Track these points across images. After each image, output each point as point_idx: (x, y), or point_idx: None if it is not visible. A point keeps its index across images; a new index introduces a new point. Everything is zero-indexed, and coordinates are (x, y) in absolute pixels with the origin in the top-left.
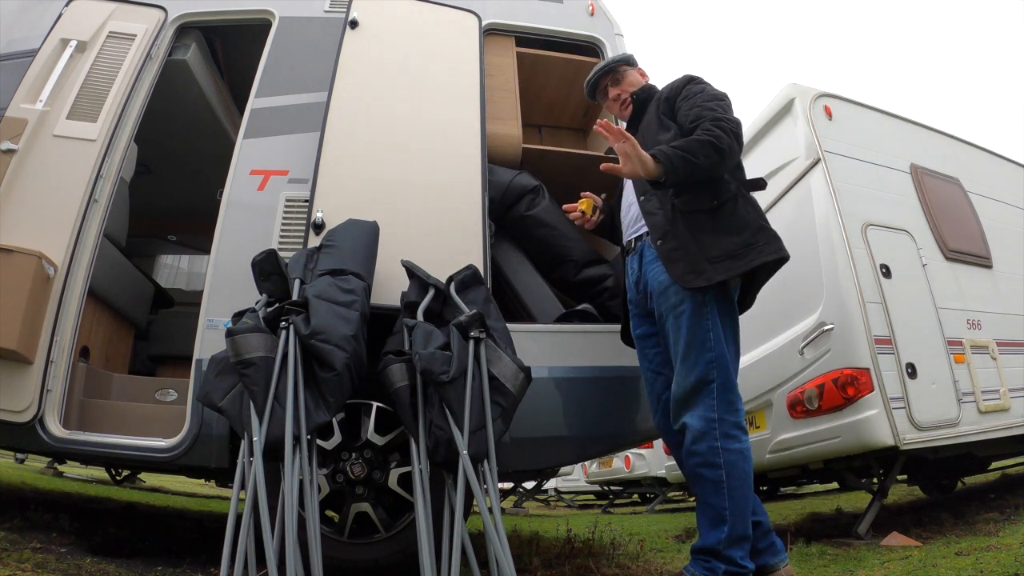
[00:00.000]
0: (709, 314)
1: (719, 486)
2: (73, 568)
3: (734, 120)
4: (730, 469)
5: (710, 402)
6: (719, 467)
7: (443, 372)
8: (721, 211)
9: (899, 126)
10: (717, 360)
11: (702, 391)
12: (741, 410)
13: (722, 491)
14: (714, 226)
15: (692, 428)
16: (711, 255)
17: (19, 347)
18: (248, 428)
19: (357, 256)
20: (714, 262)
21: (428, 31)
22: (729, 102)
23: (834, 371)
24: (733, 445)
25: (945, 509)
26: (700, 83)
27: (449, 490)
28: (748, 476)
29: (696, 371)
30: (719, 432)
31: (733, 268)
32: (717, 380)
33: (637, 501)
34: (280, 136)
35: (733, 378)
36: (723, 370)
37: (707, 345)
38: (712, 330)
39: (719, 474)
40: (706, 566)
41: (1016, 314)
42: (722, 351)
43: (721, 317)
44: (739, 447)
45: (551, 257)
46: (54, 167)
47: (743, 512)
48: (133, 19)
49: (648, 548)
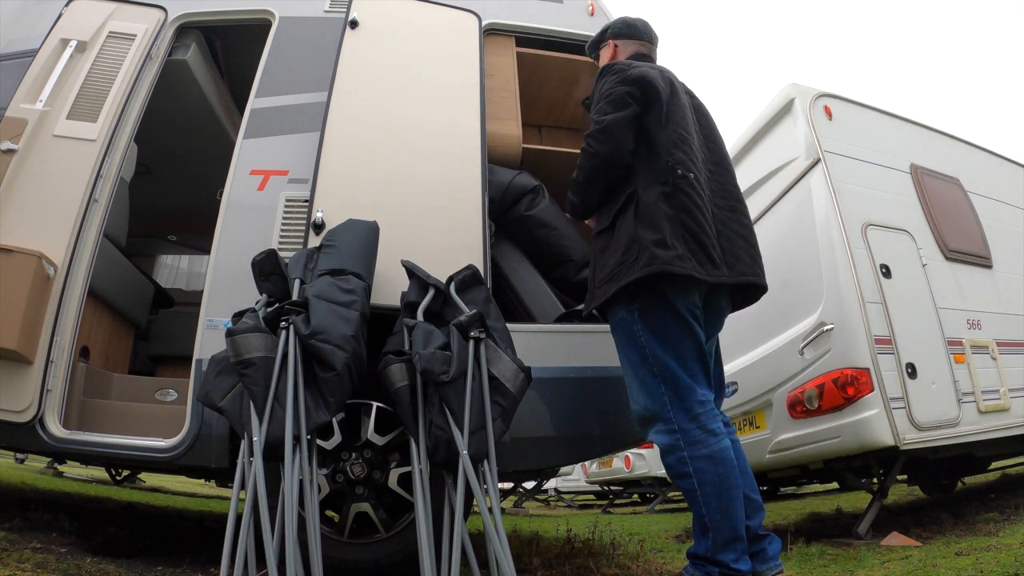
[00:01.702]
0: (639, 331)
1: (693, 495)
2: (73, 568)
3: (595, 132)
4: (700, 476)
5: (667, 415)
6: (690, 476)
7: (443, 372)
8: (614, 227)
9: (899, 126)
10: (661, 373)
11: (655, 407)
12: (703, 413)
13: (697, 499)
14: (607, 245)
15: (658, 444)
16: (598, 279)
17: (19, 347)
18: (248, 428)
19: (357, 256)
20: (599, 286)
21: (428, 31)
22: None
23: (834, 371)
24: (699, 451)
25: (945, 509)
26: (602, 78)
27: (449, 490)
28: (724, 478)
29: (644, 389)
30: (683, 442)
31: (608, 290)
32: (667, 393)
33: (637, 501)
34: (280, 136)
35: (686, 383)
36: (671, 381)
37: (647, 360)
38: (647, 345)
39: (691, 483)
40: (702, 570)
41: (1016, 314)
42: (664, 362)
43: (653, 329)
44: (706, 452)
45: (551, 257)
46: (54, 167)
47: (724, 516)
48: (133, 19)
49: (648, 548)
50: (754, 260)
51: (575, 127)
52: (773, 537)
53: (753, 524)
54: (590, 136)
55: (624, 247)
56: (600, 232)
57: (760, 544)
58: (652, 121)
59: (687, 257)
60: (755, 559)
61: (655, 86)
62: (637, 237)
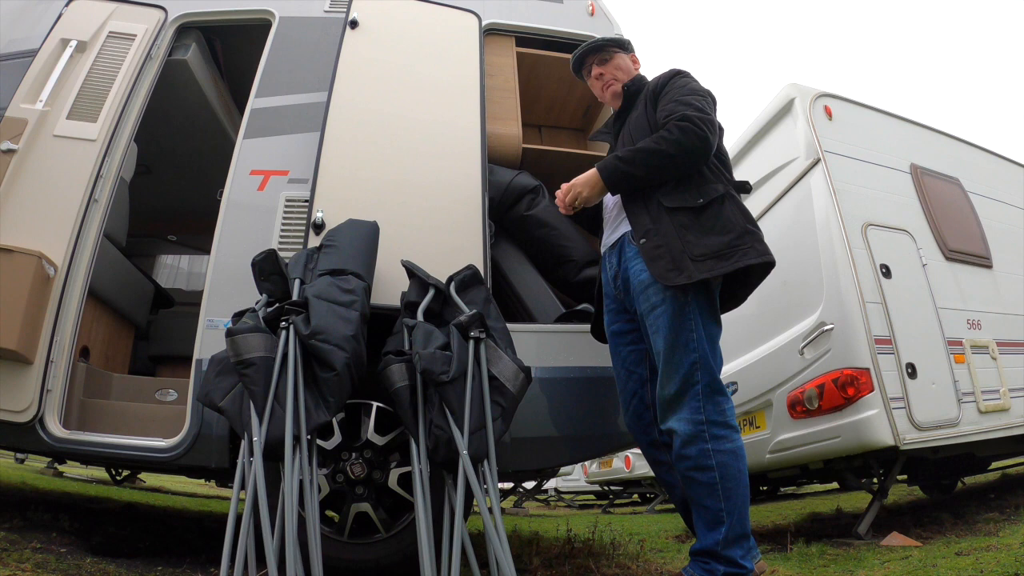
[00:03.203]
0: (691, 314)
1: (713, 488)
2: (73, 568)
3: (704, 118)
4: (723, 470)
5: (696, 404)
6: (712, 469)
7: (443, 372)
8: (707, 210)
9: (899, 126)
10: (701, 361)
11: (687, 393)
12: (729, 410)
13: (716, 493)
14: (699, 225)
15: (680, 432)
16: (694, 253)
17: (19, 347)
18: (248, 428)
19: (357, 256)
20: (697, 260)
21: (428, 31)
22: (711, 98)
23: (834, 371)
24: (724, 446)
25: (945, 509)
26: (685, 76)
27: (449, 490)
28: (742, 475)
29: (680, 373)
30: (708, 434)
31: (717, 268)
32: (702, 381)
33: (637, 501)
34: (280, 136)
35: (718, 378)
36: (707, 371)
37: (690, 346)
38: (695, 330)
39: (712, 476)
40: (705, 567)
41: (1016, 314)
42: (705, 352)
43: (703, 318)
44: (730, 447)
45: (551, 257)
46: (54, 167)
47: (740, 511)
48: (133, 19)
49: (648, 548)
50: None
51: (575, 127)
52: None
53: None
54: (698, 121)
55: (737, 233)
56: (679, 208)
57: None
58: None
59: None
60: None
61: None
62: (749, 230)
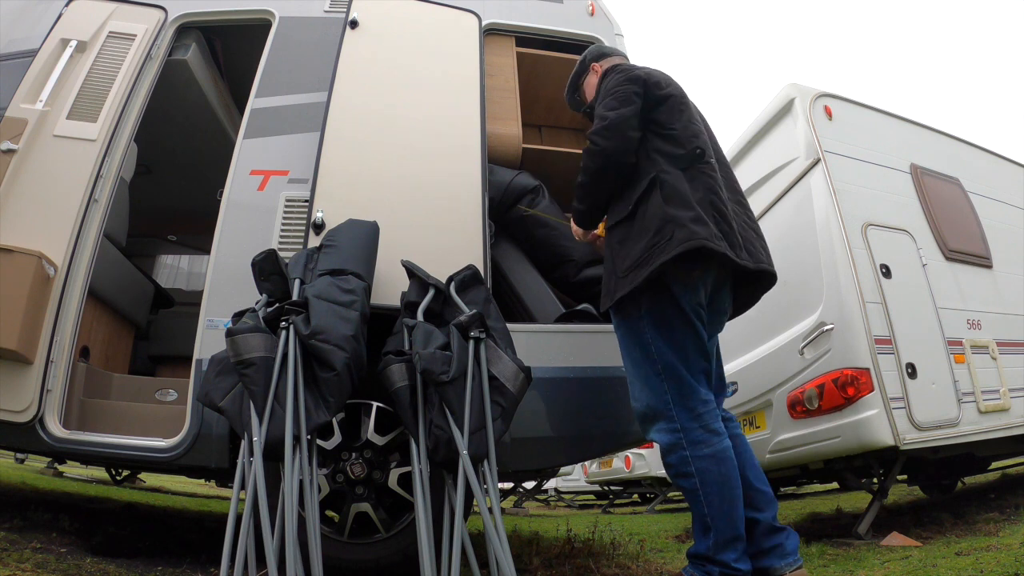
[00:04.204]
0: (644, 327)
1: (695, 495)
2: (73, 568)
3: (600, 128)
4: (703, 476)
5: (669, 414)
6: (692, 476)
7: (443, 372)
8: (635, 216)
9: (899, 126)
10: (665, 371)
11: (658, 405)
12: (705, 412)
13: (699, 499)
14: (630, 235)
15: (660, 443)
16: (620, 270)
17: (19, 347)
18: (248, 428)
19: (357, 256)
20: (622, 277)
21: (428, 31)
22: (620, 89)
23: (834, 371)
24: (702, 451)
25: (945, 509)
26: (605, 79)
27: (449, 490)
28: (726, 478)
29: (649, 386)
30: (686, 441)
31: (637, 277)
32: (671, 391)
33: (637, 501)
34: (280, 136)
35: (689, 382)
36: (674, 379)
37: (650, 358)
38: (652, 342)
39: (693, 483)
40: (702, 570)
41: (1016, 314)
42: (668, 360)
43: (657, 325)
44: (709, 452)
45: (551, 257)
46: (54, 167)
47: (726, 515)
48: (133, 19)
49: (648, 548)
50: (767, 251)
51: (575, 127)
52: (790, 531)
53: (767, 516)
54: (595, 133)
55: (655, 229)
56: (616, 224)
57: (777, 538)
58: (666, 113)
59: (720, 237)
60: (772, 554)
61: (659, 82)
62: (670, 217)
